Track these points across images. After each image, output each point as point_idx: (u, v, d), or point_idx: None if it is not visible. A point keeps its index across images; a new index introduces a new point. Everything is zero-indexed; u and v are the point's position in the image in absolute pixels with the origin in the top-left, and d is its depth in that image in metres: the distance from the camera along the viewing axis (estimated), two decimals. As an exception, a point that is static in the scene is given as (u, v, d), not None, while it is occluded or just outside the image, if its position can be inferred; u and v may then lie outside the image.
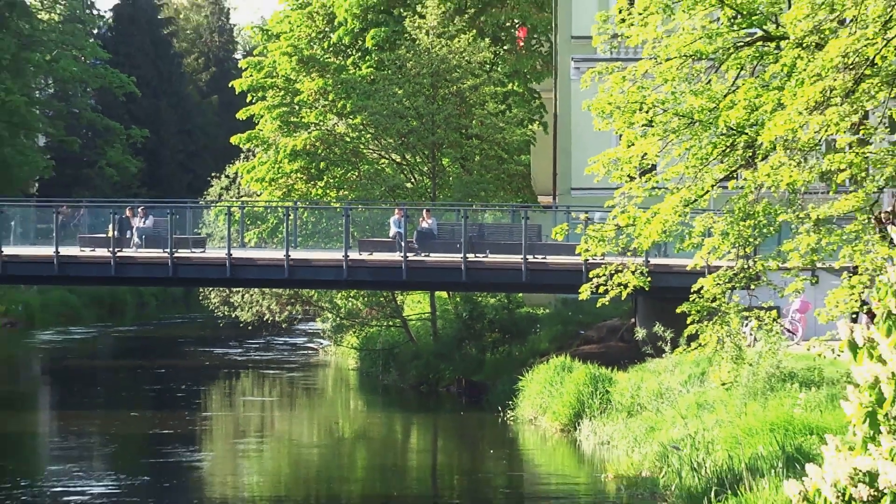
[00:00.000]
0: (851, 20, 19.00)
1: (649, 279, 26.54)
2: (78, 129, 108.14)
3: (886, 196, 23.04)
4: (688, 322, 26.11)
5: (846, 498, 17.26)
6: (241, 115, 69.69)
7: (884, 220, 20.87)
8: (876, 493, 17.49)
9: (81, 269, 56.90)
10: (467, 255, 51.67)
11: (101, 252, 54.96)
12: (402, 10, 65.59)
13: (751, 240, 23.89)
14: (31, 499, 37.83)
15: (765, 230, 24.19)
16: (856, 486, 16.96)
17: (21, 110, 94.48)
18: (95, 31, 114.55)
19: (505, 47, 68.65)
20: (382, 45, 66.27)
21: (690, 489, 34.00)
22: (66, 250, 54.85)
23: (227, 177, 76.62)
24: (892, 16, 18.82)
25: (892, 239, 17.61)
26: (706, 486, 33.52)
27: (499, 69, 65.70)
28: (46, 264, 55.42)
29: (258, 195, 66.60)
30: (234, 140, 70.87)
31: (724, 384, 36.56)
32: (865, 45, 18.90)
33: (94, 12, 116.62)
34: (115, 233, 55.58)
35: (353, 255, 53.04)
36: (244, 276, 57.85)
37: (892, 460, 16.46)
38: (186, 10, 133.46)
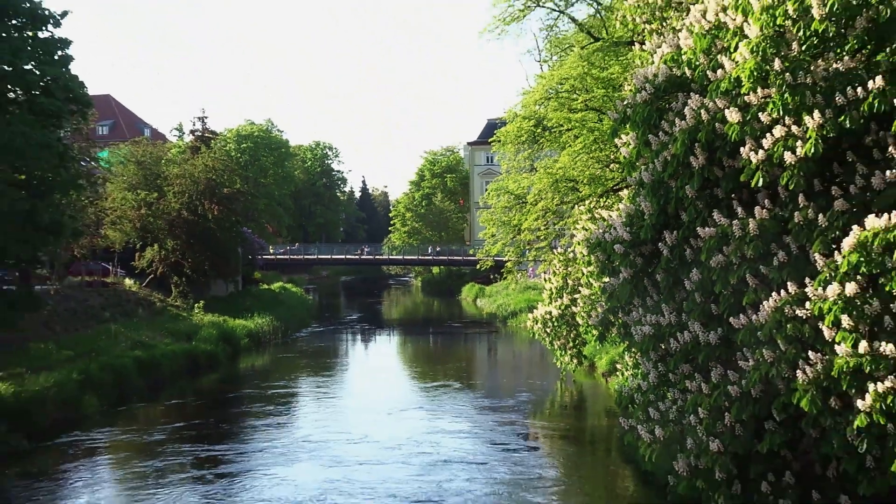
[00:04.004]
0: (548, 196, 17.72)
1: (494, 262, 25.21)
2: (351, 226, 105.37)
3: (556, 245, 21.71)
4: (504, 273, 24.67)
5: (547, 313, 16.03)
6: (392, 223, 67.88)
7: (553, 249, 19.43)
8: (551, 318, 16.19)
9: (351, 262, 54.75)
10: (450, 257, 50.33)
11: (355, 256, 53.49)
12: (431, 198, 64.42)
13: (520, 252, 22.41)
14: (335, 325, 36.03)
15: (523, 250, 22.71)
16: (543, 315, 15.77)
17: (335, 222, 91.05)
18: (355, 201, 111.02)
19: (455, 206, 66.95)
20: (426, 209, 64.69)
21: (504, 315, 32.81)
22: (346, 256, 53.47)
23: (389, 237, 74.72)
24: (564, 196, 17.54)
25: (554, 254, 16.46)
26: (508, 314, 32.34)
27: (455, 212, 64.08)
28: (342, 259, 53.81)
29: (395, 242, 65.04)
30: (391, 228, 69.01)
31: (514, 289, 35.19)
32: (552, 203, 17.69)
33: (355, 197, 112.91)
34: (358, 253, 54.31)
35: (420, 257, 51.80)
36: (392, 263, 56.58)
37: (555, 308, 15.26)
38: (378, 196, 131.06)
